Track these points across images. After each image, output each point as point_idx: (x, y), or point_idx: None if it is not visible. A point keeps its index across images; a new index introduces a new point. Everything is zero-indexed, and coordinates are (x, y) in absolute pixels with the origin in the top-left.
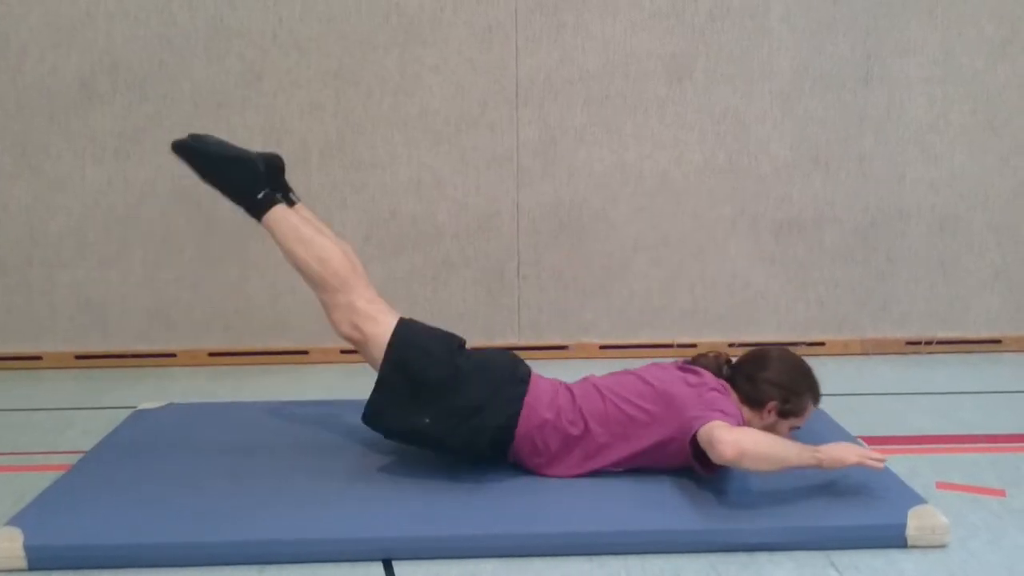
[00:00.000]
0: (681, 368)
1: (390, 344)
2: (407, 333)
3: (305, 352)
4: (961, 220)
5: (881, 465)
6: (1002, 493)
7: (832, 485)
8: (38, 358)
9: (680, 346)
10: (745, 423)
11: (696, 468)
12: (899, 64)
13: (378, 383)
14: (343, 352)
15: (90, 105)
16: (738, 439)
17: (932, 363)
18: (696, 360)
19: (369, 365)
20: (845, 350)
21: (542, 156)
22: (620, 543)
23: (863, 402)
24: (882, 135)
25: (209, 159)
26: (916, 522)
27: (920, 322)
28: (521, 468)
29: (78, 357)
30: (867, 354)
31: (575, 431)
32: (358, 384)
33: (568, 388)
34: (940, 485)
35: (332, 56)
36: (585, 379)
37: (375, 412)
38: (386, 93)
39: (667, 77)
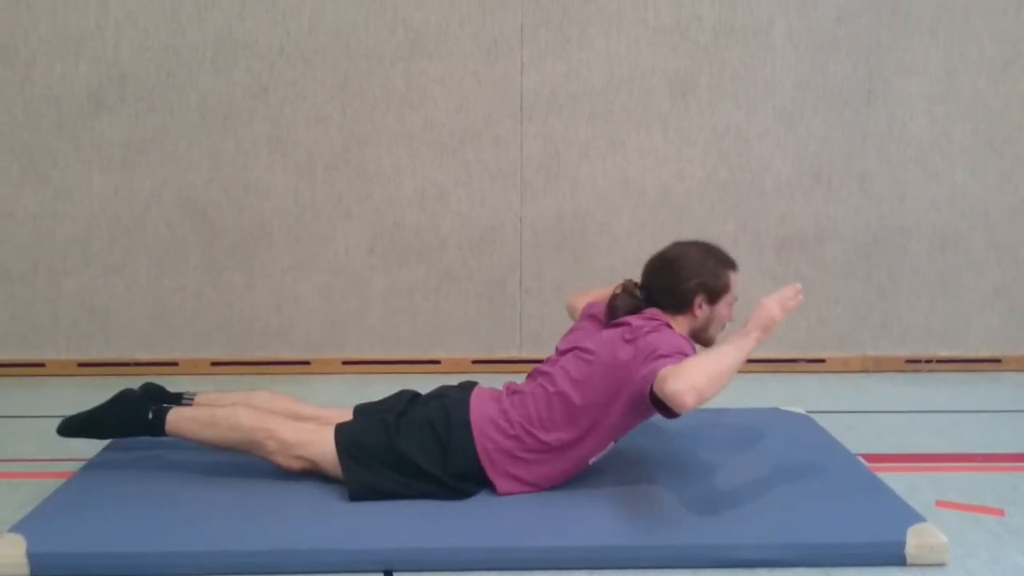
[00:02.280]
0: (608, 325)
1: (338, 454)
2: (344, 439)
3: (307, 362)
4: (962, 238)
5: (801, 297)
6: (1001, 512)
7: (832, 502)
8: (41, 365)
9: None
10: (688, 337)
11: (665, 416)
12: (901, 83)
13: (350, 490)
14: (345, 363)
15: (98, 115)
16: (687, 383)
17: (932, 381)
18: (612, 307)
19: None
20: (845, 367)
21: (546, 170)
22: (619, 557)
23: (863, 419)
24: (884, 153)
25: (94, 419)
26: (915, 540)
27: (920, 340)
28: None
29: (81, 364)
30: (867, 371)
31: (542, 441)
32: (360, 395)
33: (519, 398)
34: (939, 503)
35: (338, 69)
36: (533, 377)
37: (361, 494)
38: (391, 105)
39: (671, 93)
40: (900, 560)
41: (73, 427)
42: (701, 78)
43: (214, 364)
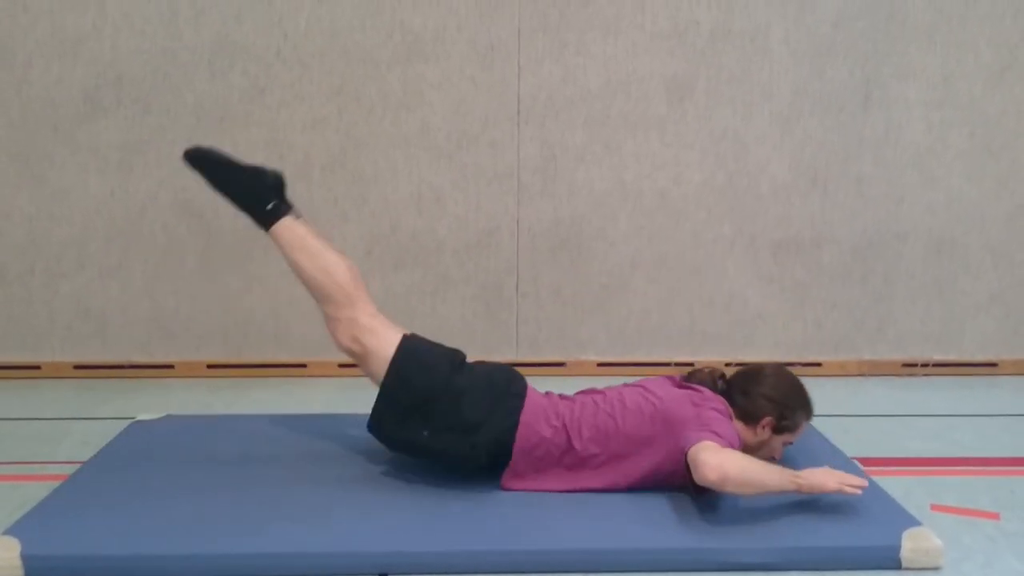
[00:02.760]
0: (680, 385)
1: (394, 358)
2: (411, 348)
3: (304, 365)
4: (958, 243)
5: (859, 492)
6: (996, 516)
7: (827, 506)
8: (37, 367)
9: (677, 364)
10: (741, 442)
11: (690, 487)
12: (898, 88)
13: (380, 394)
14: (341, 366)
15: (94, 117)
16: (722, 463)
17: (928, 385)
18: (692, 376)
19: (369, 378)
20: (842, 371)
21: (542, 174)
22: (615, 561)
23: (859, 423)
24: (880, 158)
25: (221, 168)
26: (910, 544)
27: (917, 344)
28: (514, 491)
29: (77, 367)
30: (863, 375)
31: (572, 448)
32: (356, 398)
33: (568, 403)
34: (935, 507)
35: (335, 72)
36: (586, 392)
37: (377, 422)
38: (388, 109)
39: (668, 97)
40: (895, 564)
41: (202, 159)
42: (698, 82)
43: (210, 367)
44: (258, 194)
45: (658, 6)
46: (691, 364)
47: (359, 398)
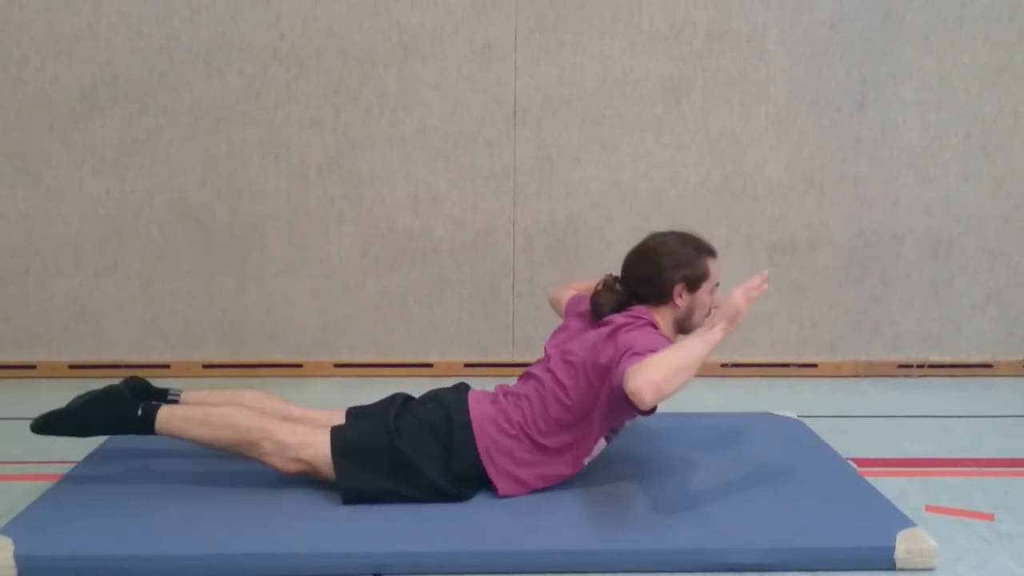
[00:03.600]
0: (594, 324)
1: (333, 458)
2: (342, 440)
3: (299, 365)
4: (954, 244)
5: (765, 285)
6: (990, 517)
7: (822, 507)
8: (32, 367)
9: None
10: (669, 326)
11: (641, 414)
12: (894, 89)
13: (343, 493)
14: (337, 366)
15: (90, 116)
16: (645, 378)
17: (924, 386)
18: (599, 304)
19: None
20: (837, 372)
21: (539, 174)
22: (610, 561)
23: (854, 424)
24: (877, 158)
25: (78, 415)
26: (905, 545)
27: (912, 345)
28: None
29: (72, 367)
30: (859, 376)
31: (541, 446)
32: (352, 398)
33: (515, 402)
34: (929, 508)
35: (332, 72)
36: (526, 379)
37: (358, 500)
38: (385, 109)
39: (664, 98)
40: (890, 565)
41: (53, 424)
42: (695, 83)
43: (206, 366)
44: (122, 409)
45: (655, 6)
46: None
47: (356, 397)
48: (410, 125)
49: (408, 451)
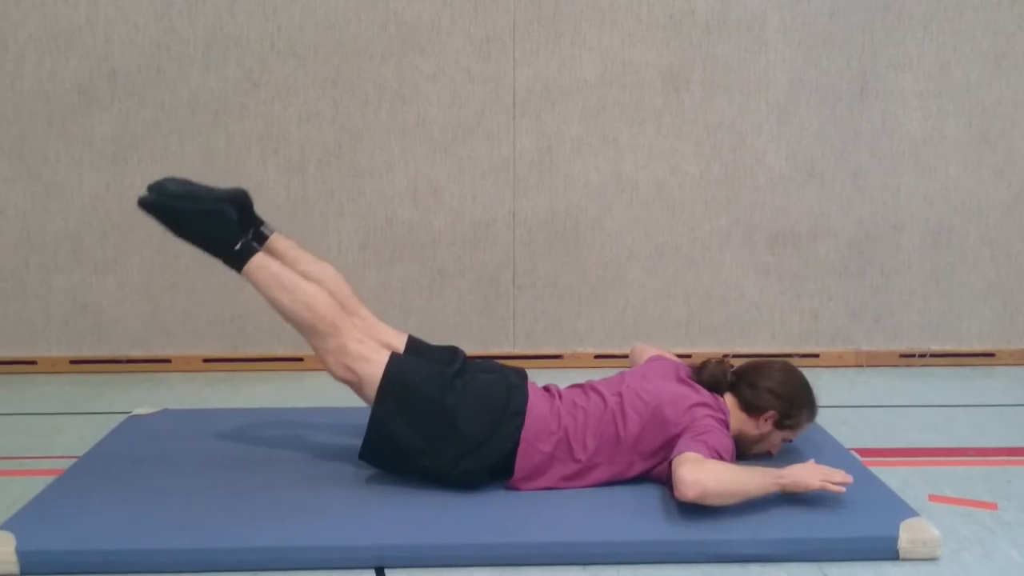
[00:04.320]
0: (682, 380)
1: (380, 386)
2: (397, 372)
3: (300, 359)
4: (955, 233)
5: (842, 490)
6: (994, 506)
7: (824, 497)
8: (33, 362)
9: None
10: (739, 440)
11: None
12: (894, 77)
13: (371, 424)
14: None
15: (88, 111)
16: (700, 479)
17: (925, 376)
18: (701, 370)
19: (366, 403)
20: (839, 362)
21: (538, 166)
22: (614, 553)
23: (856, 414)
24: (877, 148)
25: (180, 216)
26: (908, 535)
27: (914, 335)
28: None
29: (73, 362)
30: (861, 366)
31: (575, 459)
32: (353, 392)
33: (570, 407)
34: (932, 498)
35: (330, 64)
36: (588, 389)
37: (370, 452)
38: (384, 101)
39: (664, 88)
40: (893, 554)
41: (159, 205)
42: (694, 73)
43: (206, 361)
44: (222, 237)
45: None
46: (688, 356)
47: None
48: (409, 117)
49: (455, 412)
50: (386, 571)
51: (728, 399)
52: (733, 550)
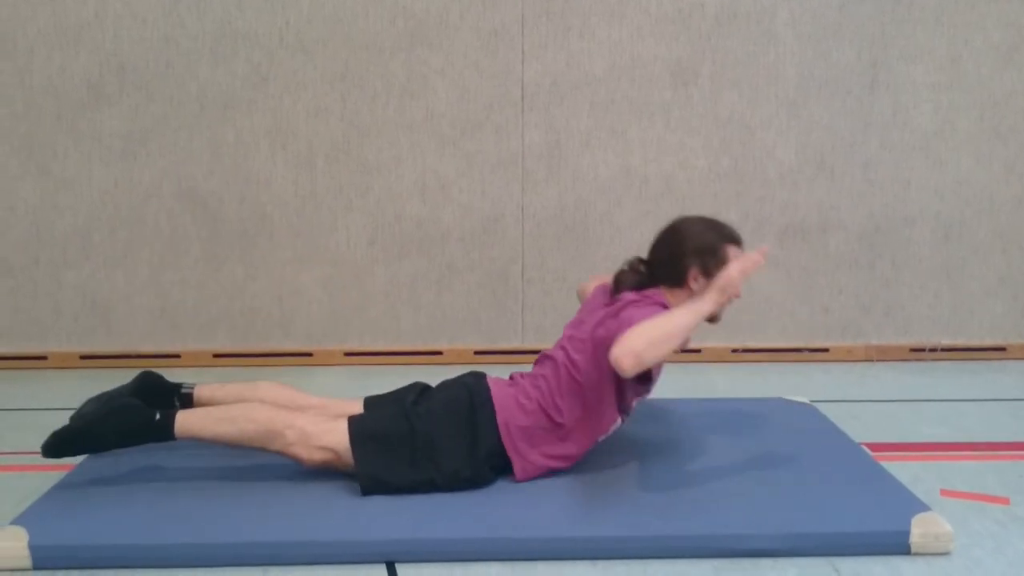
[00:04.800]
0: (608, 302)
1: (352, 449)
2: (360, 429)
3: (310, 354)
4: (966, 227)
5: (761, 259)
6: (1006, 501)
7: (836, 491)
8: (43, 358)
9: (684, 350)
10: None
11: (641, 385)
12: (905, 70)
13: (364, 485)
14: (347, 354)
15: (97, 106)
16: (625, 347)
17: (936, 370)
18: (619, 282)
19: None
20: (849, 356)
21: (547, 160)
22: (624, 548)
23: (867, 409)
24: (888, 141)
25: (88, 434)
26: (920, 529)
27: (925, 329)
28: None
29: (83, 357)
30: (871, 360)
31: (557, 424)
32: (362, 386)
33: (532, 381)
34: (944, 492)
35: (338, 59)
36: (543, 361)
37: (377, 490)
38: (392, 96)
39: (673, 82)
40: (905, 549)
41: (66, 443)
42: (703, 66)
43: (216, 356)
44: (140, 420)
45: None
46: (698, 351)
47: (365, 385)
48: (417, 112)
49: (429, 434)
50: (396, 565)
51: (661, 290)
52: (744, 545)
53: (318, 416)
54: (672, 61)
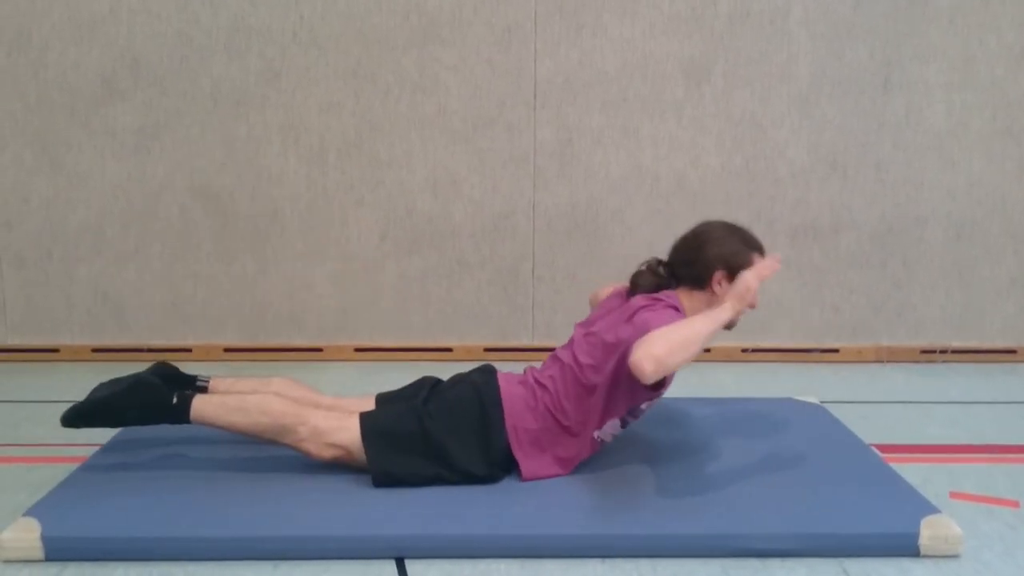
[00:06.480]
0: (622, 303)
1: (364, 446)
2: (371, 426)
3: (320, 349)
4: (978, 227)
5: (777, 265)
6: (1016, 504)
7: (846, 493)
8: (55, 351)
9: None
10: (692, 314)
11: (654, 391)
12: (918, 70)
13: (376, 481)
14: (357, 350)
15: (111, 101)
16: (646, 351)
17: (947, 372)
18: (636, 283)
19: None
20: (859, 357)
21: (559, 157)
22: (633, 546)
23: (877, 410)
24: (900, 141)
25: (107, 407)
26: (929, 531)
27: (935, 330)
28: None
29: (95, 350)
30: (882, 361)
31: (564, 427)
32: (372, 381)
33: (541, 382)
34: (953, 495)
35: (351, 55)
36: (554, 360)
37: (389, 484)
38: (404, 92)
39: (685, 80)
40: (914, 551)
41: (84, 415)
42: (716, 65)
43: (227, 350)
44: (156, 400)
45: None
46: (708, 350)
47: (375, 381)
48: (429, 108)
49: (439, 433)
50: (406, 561)
51: (680, 293)
52: (752, 545)
53: (331, 413)
54: (685, 59)
